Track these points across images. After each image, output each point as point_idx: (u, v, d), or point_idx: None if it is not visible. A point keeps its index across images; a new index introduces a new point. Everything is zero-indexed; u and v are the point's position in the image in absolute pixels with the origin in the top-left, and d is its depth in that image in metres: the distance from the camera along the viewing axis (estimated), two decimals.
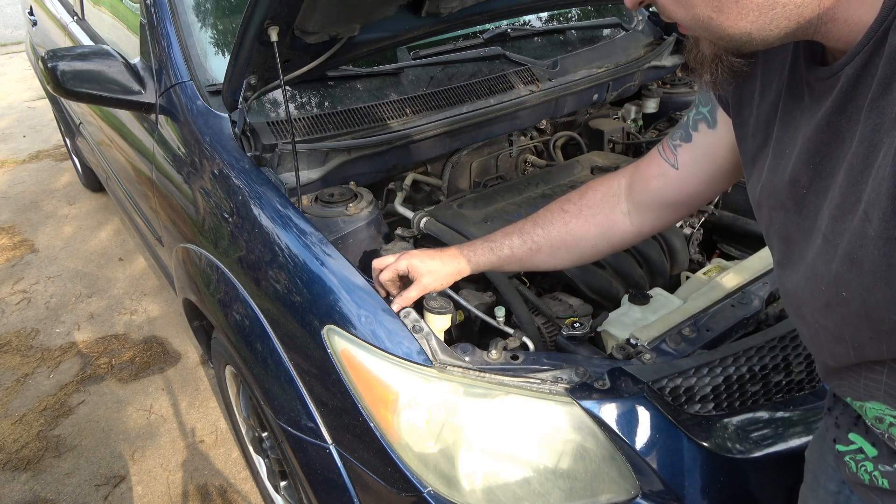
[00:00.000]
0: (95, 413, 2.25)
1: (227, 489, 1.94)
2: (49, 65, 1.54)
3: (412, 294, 1.09)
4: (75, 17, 2.62)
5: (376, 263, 1.13)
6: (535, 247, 1.06)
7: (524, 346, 1.16)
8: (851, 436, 0.76)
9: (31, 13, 3.37)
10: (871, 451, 0.73)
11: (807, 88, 0.64)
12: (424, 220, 1.46)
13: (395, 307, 1.09)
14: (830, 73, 0.59)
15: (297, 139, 1.44)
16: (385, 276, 1.11)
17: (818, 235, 0.62)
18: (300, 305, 1.17)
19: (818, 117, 0.61)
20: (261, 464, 1.77)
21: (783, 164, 0.68)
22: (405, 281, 1.12)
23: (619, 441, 1.00)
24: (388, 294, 1.13)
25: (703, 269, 1.42)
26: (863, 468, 0.75)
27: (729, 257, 1.70)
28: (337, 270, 1.15)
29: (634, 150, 1.98)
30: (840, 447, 0.78)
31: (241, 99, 1.36)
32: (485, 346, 1.09)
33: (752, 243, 1.63)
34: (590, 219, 1.03)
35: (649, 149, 1.92)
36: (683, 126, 0.92)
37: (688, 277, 1.42)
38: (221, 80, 1.45)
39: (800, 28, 0.57)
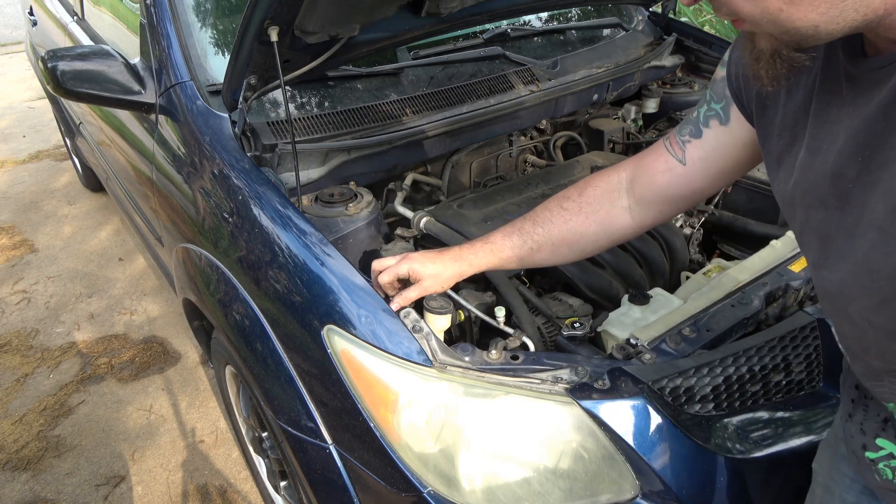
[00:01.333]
0: (95, 413, 2.25)
1: (227, 489, 1.94)
2: (49, 65, 1.54)
3: (412, 294, 1.09)
4: (75, 17, 2.62)
5: (376, 265, 1.13)
6: (535, 246, 1.05)
7: (524, 346, 1.16)
8: (879, 441, 0.75)
9: (31, 13, 3.37)
10: None
11: (846, 81, 0.63)
12: (424, 220, 1.46)
13: (395, 306, 1.09)
14: (884, 62, 0.58)
15: (297, 139, 1.44)
16: (384, 279, 1.10)
17: (870, 230, 0.61)
18: (300, 305, 1.17)
19: (868, 109, 0.60)
20: (261, 464, 1.77)
21: (821, 160, 0.66)
22: (405, 283, 1.12)
23: (619, 441, 1.00)
24: (387, 295, 1.12)
25: (703, 269, 1.42)
26: (888, 466, 0.74)
27: (729, 257, 1.70)
28: (337, 270, 1.15)
29: (634, 150, 1.98)
30: (870, 454, 0.77)
31: (241, 99, 1.36)
32: (485, 346, 1.09)
33: (752, 243, 1.63)
34: (590, 215, 1.02)
35: None
36: (693, 122, 0.91)
37: (688, 277, 1.42)
38: (221, 80, 1.45)
39: (865, 20, 0.56)
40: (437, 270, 1.09)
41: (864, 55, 0.61)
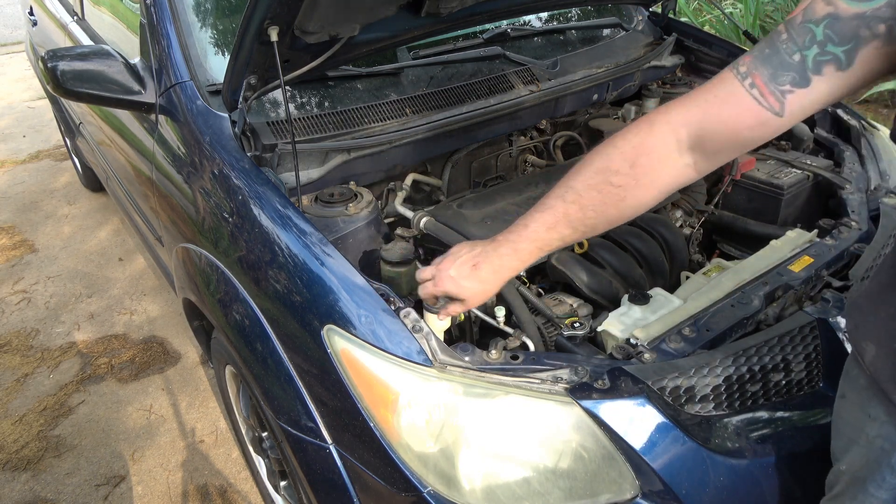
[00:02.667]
0: (95, 413, 2.25)
1: (227, 489, 1.94)
2: (49, 65, 1.54)
3: (456, 310, 1.06)
4: (75, 17, 2.62)
5: (422, 274, 1.06)
6: (588, 230, 0.94)
7: (524, 346, 1.16)
8: None
9: (31, 13, 3.37)
10: None
11: None
12: (424, 220, 1.46)
13: (441, 321, 1.10)
14: None
15: (297, 139, 1.44)
16: (424, 294, 1.06)
17: None
18: (300, 305, 1.17)
19: None
20: (261, 464, 1.77)
21: None
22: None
23: (619, 441, 1.00)
24: (384, 294, 1.12)
25: (703, 269, 1.42)
26: None
27: (729, 257, 1.70)
28: (337, 270, 1.15)
29: None
30: None
31: (241, 99, 1.36)
32: (485, 346, 1.09)
33: (752, 243, 1.63)
34: (650, 186, 0.89)
35: None
36: (795, 68, 0.77)
37: (688, 277, 1.42)
38: (221, 80, 1.45)
39: None
40: (482, 290, 1.00)
41: None
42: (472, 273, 0.98)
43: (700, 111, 0.85)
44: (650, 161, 0.88)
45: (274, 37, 1.18)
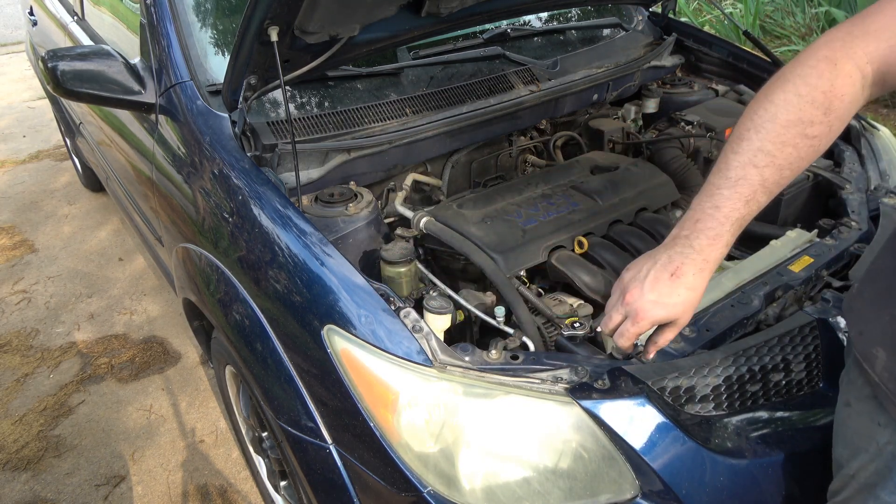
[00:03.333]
0: (95, 413, 2.25)
1: (227, 489, 1.94)
2: (49, 65, 1.54)
3: (669, 337, 0.94)
4: (75, 17, 2.62)
5: (610, 323, 0.96)
6: (777, 192, 0.86)
7: (524, 346, 1.16)
8: None
9: (31, 13, 3.37)
10: None
11: None
12: (424, 220, 1.46)
13: (651, 356, 0.98)
14: None
15: (297, 139, 1.44)
16: (628, 339, 0.93)
17: None
18: (300, 305, 1.17)
19: None
20: (261, 464, 1.77)
21: None
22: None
23: (619, 441, 1.00)
24: (384, 293, 1.12)
25: None
26: None
27: (729, 257, 1.70)
28: (337, 270, 1.15)
29: (634, 150, 1.98)
30: None
31: (241, 99, 1.36)
32: (485, 346, 1.09)
33: (752, 243, 1.63)
34: (838, 130, 0.84)
35: (649, 149, 1.93)
36: None
37: None
38: (221, 80, 1.45)
39: None
40: (690, 301, 0.87)
41: None
42: (675, 284, 0.84)
43: (886, 45, 0.78)
44: (843, 105, 0.80)
45: (274, 37, 1.18)
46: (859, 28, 0.79)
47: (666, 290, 0.85)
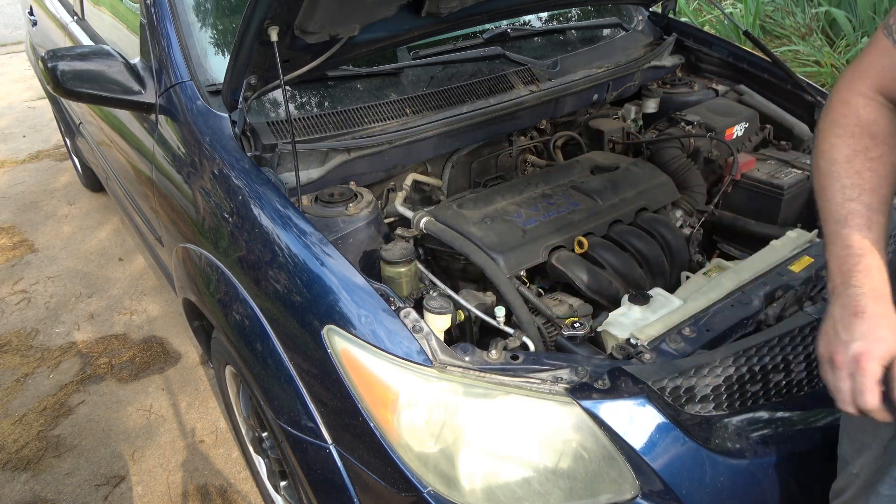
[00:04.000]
0: (95, 413, 2.25)
1: (227, 489, 1.94)
2: (49, 65, 1.54)
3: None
4: (75, 17, 2.62)
5: (840, 385, 0.84)
6: (888, 199, 0.86)
7: (524, 346, 1.16)
8: None
9: (31, 13, 3.37)
10: None
11: None
12: (424, 220, 1.46)
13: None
14: None
15: (297, 139, 1.44)
16: (872, 393, 0.81)
17: None
18: (300, 305, 1.17)
19: None
20: (261, 464, 1.77)
21: None
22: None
23: (619, 441, 1.00)
24: (386, 294, 1.12)
25: (703, 269, 1.42)
26: None
27: (729, 257, 1.70)
28: (337, 270, 1.15)
29: (634, 150, 1.98)
30: None
31: (241, 99, 1.36)
32: (485, 346, 1.09)
33: (752, 243, 1.63)
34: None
35: (649, 149, 1.93)
36: None
37: (688, 277, 1.42)
38: (221, 80, 1.45)
39: None
40: (882, 322, 0.80)
41: None
42: (865, 318, 0.80)
43: (875, 81, 0.86)
44: (882, 126, 0.86)
45: (274, 37, 1.18)
46: (855, 70, 0.88)
47: (863, 328, 0.80)
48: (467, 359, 1.05)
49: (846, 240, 0.83)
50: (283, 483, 1.68)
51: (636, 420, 1.01)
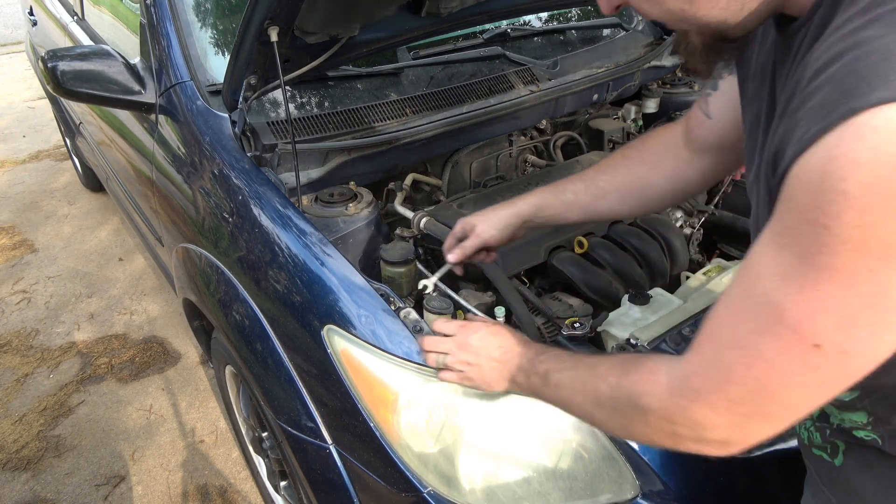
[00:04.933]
0: (95, 413, 2.25)
1: (227, 489, 1.94)
2: (49, 65, 1.54)
3: (468, 244, 1.08)
4: (75, 17, 2.62)
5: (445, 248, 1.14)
6: (600, 193, 1.02)
7: None
8: None
9: (31, 13, 3.37)
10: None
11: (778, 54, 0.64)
12: (424, 220, 1.46)
13: (452, 258, 1.10)
14: (797, 27, 0.58)
15: (297, 139, 1.44)
16: (446, 245, 1.11)
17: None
18: (300, 305, 1.17)
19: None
20: (261, 464, 1.77)
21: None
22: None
23: (619, 441, 1.00)
24: (385, 294, 1.12)
25: (703, 269, 1.42)
26: (803, 426, 0.77)
27: (729, 257, 1.70)
28: (337, 270, 1.15)
29: None
30: None
31: (241, 99, 1.36)
32: None
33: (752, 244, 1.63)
34: (656, 166, 1.00)
35: None
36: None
37: (688, 277, 1.42)
38: (221, 80, 1.45)
39: (773, 3, 0.57)
40: (489, 214, 1.07)
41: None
42: (492, 208, 1.13)
43: (688, 112, 1.01)
44: (656, 144, 1.02)
45: (274, 37, 1.18)
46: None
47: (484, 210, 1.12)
48: None
49: (553, 184, 1.08)
50: (283, 483, 1.68)
51: None
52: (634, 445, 1.01)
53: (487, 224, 1.07)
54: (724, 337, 0.58)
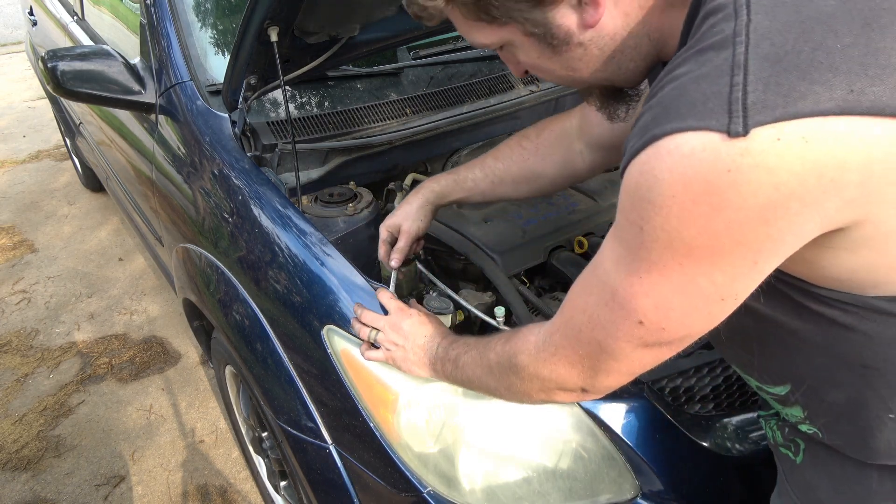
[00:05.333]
0: (95, 413, 2.25)
1: (227, 489, 1.94)
2: (49, 65, 1.54)
3: (402, 244, 1.14)
4: (75, 17, 2.62)
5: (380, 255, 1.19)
6: (496, 180, 1.14)
7: None
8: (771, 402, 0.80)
9: (31, 13, 3.37)
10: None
11: None
12: None
13: (394, 263, 1.15)
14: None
15: (297, 139, 1.43)
16: (382, 254, 1.17)
17: None
18: (300, 305, 1.17)
19: None
20: (261, 464, 1.77)
21: None
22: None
23: (619, 441, 1.00)
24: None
25: None
26: (768, 425, 0.82)
27: None
28: (337, 270, 1.15)
29: None
30: (761, 413, 0.85)
31: (241, 99, 1.36)
32: None
33: None
34: (547, 157, 1.11)
35: None
36: None
37: None
38: (221, 80, 1.45)
39: (649, 57, 0.64)
40: (403, 209, 1.15)
41: None
42: (404, 202, 1.20)
43: (583, 106, 1.13)
44: (551, 136, 1.13)
45: (274, 37, 1.18)
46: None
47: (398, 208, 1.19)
48: None
49: (455, 172, 1.18)
50: (283, 483, 1.68)
51: (636, 420, 1.01)
52: (634, 445, 1.00)
53: (409, 219, 1.14)
54: (577, 304, 0.68)
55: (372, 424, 1.04)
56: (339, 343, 1.08)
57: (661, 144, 0.50)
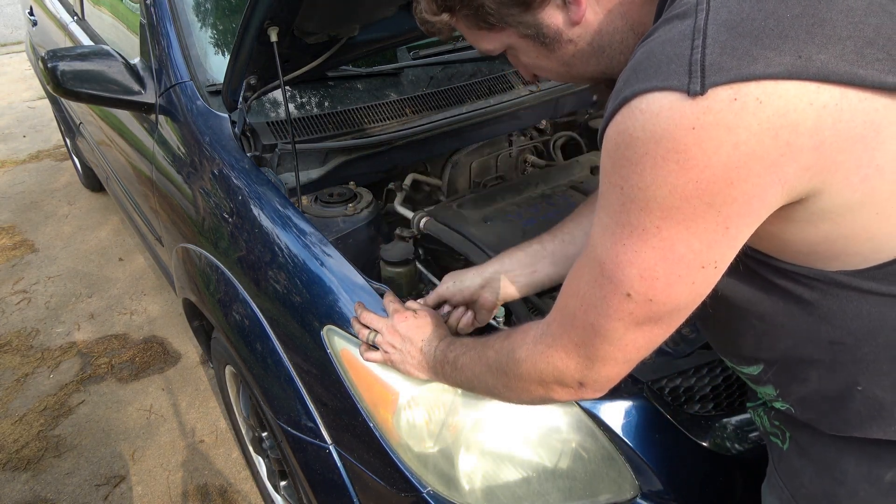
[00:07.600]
0: (95, 413, 2.25)
1: (227, 489, 1.94)
2: (49, 65, 1.54)
3: (430, 299, 1.09)
4: (75, 17, 2.62)
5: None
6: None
7: None
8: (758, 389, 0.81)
9: (31, 13, 3.37)
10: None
11: None
12: (424, 220, 1.46)
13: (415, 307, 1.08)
14: None
15: (297, 139, 1.44)
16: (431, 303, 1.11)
17: None
18: (300, 305, 1.17)
19: None
20: (261, 464, 1.77)
21: None
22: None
23: (619, 441, 1.00)
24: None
25: None
26: (756, 413, 0.84)
27: None
28: (337, 270, 1.15)
29: None
30: (749, 403, 0.87)
31: (241, 99, 1.36)
32: None
33: None
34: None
35: None
36: None
37: None
38: (221, 80, 1.45)
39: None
40: (460, 277, 1.08)
41: None
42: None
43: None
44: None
45: (274, 37, 1.18)
46: None
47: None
48: None
49: (531, 264, 1.09)
50: (283, 483, 1.68)
51: (636, 420, 1.01)
52: (634, 445, 1.00)
53: (453, 283, 1.08)
54: (571, 288, 0.68)
55: (372, 424, 1.04)
56: (338, 343, 1.08)
57: (633, 104, 0.53)
